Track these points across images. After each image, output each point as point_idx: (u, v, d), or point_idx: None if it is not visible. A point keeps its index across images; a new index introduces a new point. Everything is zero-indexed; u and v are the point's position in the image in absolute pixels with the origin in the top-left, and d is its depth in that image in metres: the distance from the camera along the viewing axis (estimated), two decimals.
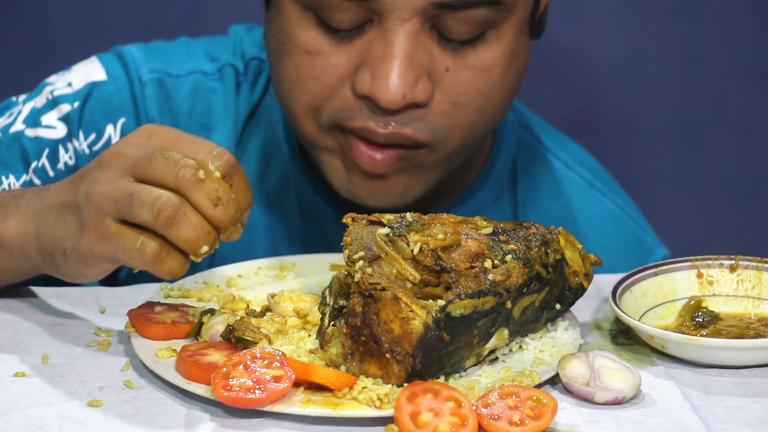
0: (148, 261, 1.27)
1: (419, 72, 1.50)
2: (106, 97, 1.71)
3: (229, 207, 1.29)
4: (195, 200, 1.27)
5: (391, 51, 1.48)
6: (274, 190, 1.75)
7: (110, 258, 1.29)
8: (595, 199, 1.80)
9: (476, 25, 1.51)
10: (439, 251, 1.27)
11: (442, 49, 1.52)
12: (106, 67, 1.74)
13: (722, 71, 2.40)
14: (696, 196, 2.46)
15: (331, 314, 1.29)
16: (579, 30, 1.73)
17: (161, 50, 1.77)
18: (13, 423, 1.20)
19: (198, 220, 1.27)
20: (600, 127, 2.43)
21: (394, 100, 1.48)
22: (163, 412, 1.23)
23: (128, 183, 1.27)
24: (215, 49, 1.78)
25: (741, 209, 2.47)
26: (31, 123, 1.69)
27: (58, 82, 1.73)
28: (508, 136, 1.78)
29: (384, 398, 1.20)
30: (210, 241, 1.28)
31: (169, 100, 1.74)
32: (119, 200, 1.27)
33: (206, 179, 1.28)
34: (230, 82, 1.76)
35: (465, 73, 1.53)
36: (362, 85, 1.50)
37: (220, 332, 1.32)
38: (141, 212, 1.26)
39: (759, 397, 1.27)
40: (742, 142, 2.43)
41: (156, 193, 1.26)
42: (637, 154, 2.44)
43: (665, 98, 2.42)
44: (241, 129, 1.75)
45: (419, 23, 1.48)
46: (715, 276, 1.45)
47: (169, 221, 1.26)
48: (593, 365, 1.27)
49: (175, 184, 1.27)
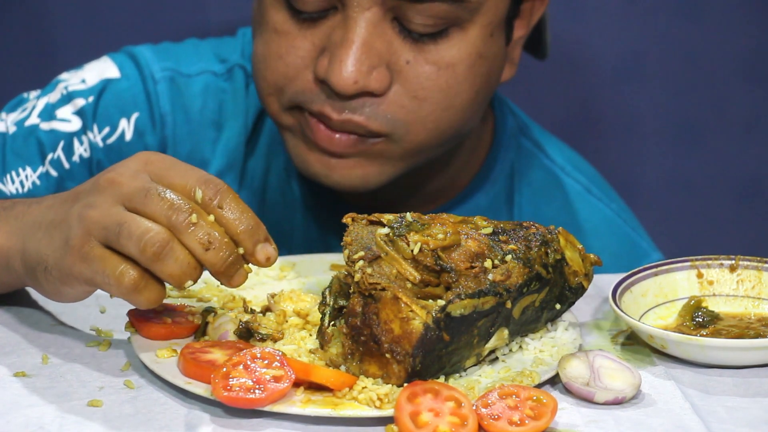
0: (124, 290, 1.25)
1: (375, 61, 1.53)
2: (120, 93, 1.74)
3: (220, 250, 1.26)
4: (186, 243, 1.25)
5: (348, 37, 1.51)
6: (277, 187, 1.76)
7: (88, 280, 1.27)
8: (591, 203, 1.81)
9: (437, 20, 1.52)
10: (439, 251, 1.27)
11: (402, 41, 1.54)
12: (118, 65, 1.76)
13: (722, 71, 2.40)
14: (696, 196, 2.46)
15: (331, 314, 1.29)
16: (579, 30, 1.74)
17: (171, 51, 1.80)
18: (13, 423, 1.20)
19: (184, 255, 1.24)
20: (600, 127, 2.43)
21: (347, 85, 1.51)
22: (163, 412, 1.23)
23: (120, 212, 1.25)
24: (224, 50, 1.81)
25: (741, 209, 2.46)
26: (46, 117, 1.71)
27: (71, 79, 1.75)
28: (507, 141, 1.79)
29: (384, 398, 1.20)
30: (195, 276, 1.26)
31: (182, 97, 1.76)
32: (108, 227, 1.25)
33: (198, 223, 1.25)
34: (240, 83, 1.78)
35: (425, 68, 1.55)
36: (320, 69, 1.54)
37: (230, 331, 1.32)
38: (128, 244, 1.24)
39: (759, 397, 1.27)
40: (742, 142, 2.43)
41: (145, 226, 1.24)
42: (637, 154, 2.44)
43: (665, 98, 2.41)
44: (251, 127, 1.77)
45: (380, 12, 1.51)
46: (715, 276, 1.45)
47: (155, 257, 1.23)
48: (593, 365, 1.27)
49: (168, 225, 1.25)
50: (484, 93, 1.61)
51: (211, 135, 1.77)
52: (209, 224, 1.26)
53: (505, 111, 1.81)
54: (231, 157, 1.77)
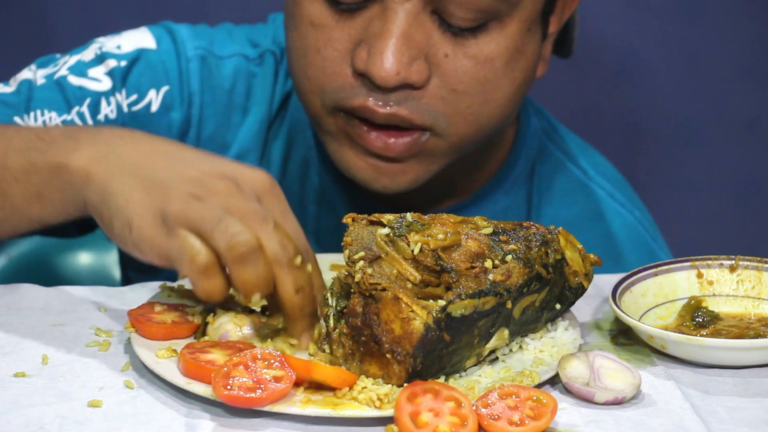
0: (195, 269, 1.27)
1: (415, 53, 1.51)
2: (154, 64, 1.72)
3: (307, 299, 1.30)
4: (282, 279, 1.28)
5: (388, 29, 1.49)
6: (295, 175, 1.76)
7: (163, 254, 1.29)
8: (613, 209, 1.80)
9: (477, 14, 1.51)
10: (439, 251, 1.27)
11: (441, 34, 1.52)
12: (156, 37, 1.74)
13: (722, 71, 2.40)
14: (696, 196, 2.46)
15: (335, 316, 1.29)
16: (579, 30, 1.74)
17: (206, 32, 1.78)
18: (13, 423, 1.20)
19: (264, 270, 1.27)
20: (600, 127, 2.43)
21: (389, 76, 1.49)
22: (163, 412, 1.23)
23: (223, 214, 1.27)
24: (257, 35, 1.79)
25: (741, 209, 2.47)
26: (77, 72, 1.69)
27: (107, 43, 1.72)
28: (530, 141, 1.78)
29: (384, 398, 1.20)
30: (265, 292, 1.28)
31: (211, 77, 1.74)
32: (207, 220, 1.27)
33: (301, 267, 1.29)
34: (270, 68, 1.77)
35: (464, 62, 1.53)
36: (359, 61, 1.52)
37: (230, 331, 1.32)
38: (221, 238, 1.26)
39: (759, 397, 1.27)
40: (742, 142, 2.44)
41: (242, 228, 1.26)
42: (638, 154, 2.44)
43: (666, 98, 2.42)
44: (275, 114, 1.76)
45: (419, 4, 1.50)
46: (715, 276, 1.45)
47: (240, 257, 1.26)
48: (593, 365, 1.27)
49: (272, 256, 1.28)
50: (523, 88, 1.60)
51: (236, 119, 1.75)
52: (307, 274, 1.30)
53: (529, 110, 1.79)
54: (252, 141, 1.75)
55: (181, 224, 1.28)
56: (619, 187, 1.83)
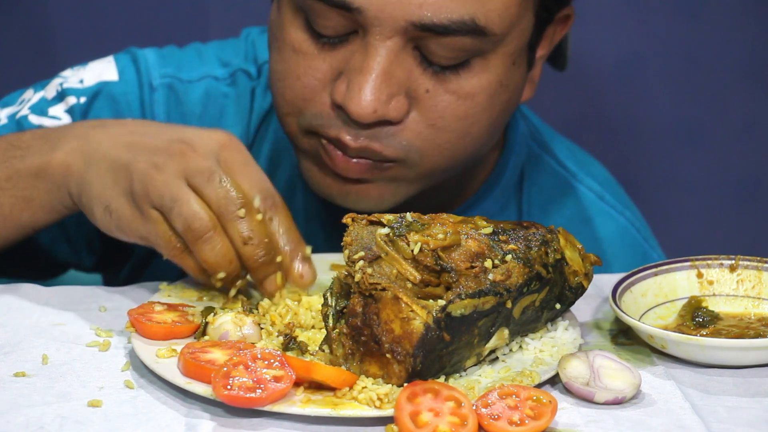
0: (172, 254, 1.40)
1: (395, 90, 1.49)
2: (115, 97, 1.72)
3: (258, 247, 1.39)
4: (229, 233, 1.38)
5: (368, 65, 1.48)
6: (281, 194, 1.75)
7: (143, 237, 1.41)
8: (603, 211, 1.79)
9: (460, 52, 1.49)
10: (439, 251, 1.27)
11: (423, 71, 1.50)
12: (119, 69, 1.74)
13: (722, 71, 2.40)
14: (696, 196, 2.46)
15: (335, 316, 1.29)
16: (579, 30, 1.73)
17: (174, 56, 1.78)
18: (13, 423, 1.20)
19: (222, 246, 1.38)
20: (600, 128, 2.43)
21: (365, 113, 1.48)
22: (163, 412, 1.23)
23: (180, 186, 1.38)
24: (227, 53, 1.79)
25: (741, 209, 2.47)
26: (38, 111, 1.70)
27: (70, 78, 1.73)
28: (518, 147, 1.77)
29: (384, 398, 1.20)
30: (230, 269, 1.39)
31: (180, 105, 1.74)
32: (164, 198, 1.37)
33: (246, 218, 1.38)
34: (243, 87, 1.76)
35: (445, 97, 1.52)
36: (338, 94, 1.51)
37: (230, 331, 1.32)
38: (176, 220, 1.37)
39: (759, 397, 1.27)
40: (742, 142, 2.43)
41: (194, 210, 1.37)
42: (637, 155, 2.44)
43: (665, 98, 2.42)
44: (253, 134, 1.75)
45: (401, 42, 1.48)
46: (715, 276, 1.45)
47: (195, 240, 1.37)
48: (593, 365, 1.27)
49: (217, 212, 1.37)
50: (502, 119, 1.59)
51: None
52: (255, 222, 1.38)
53: (517, 116, 1.78)
54: None
55: (146, 203, 1.38)
56: (608, 188, 1.82)
